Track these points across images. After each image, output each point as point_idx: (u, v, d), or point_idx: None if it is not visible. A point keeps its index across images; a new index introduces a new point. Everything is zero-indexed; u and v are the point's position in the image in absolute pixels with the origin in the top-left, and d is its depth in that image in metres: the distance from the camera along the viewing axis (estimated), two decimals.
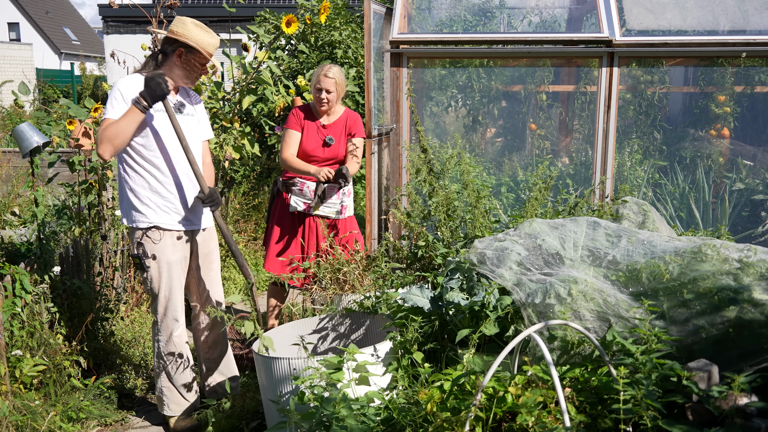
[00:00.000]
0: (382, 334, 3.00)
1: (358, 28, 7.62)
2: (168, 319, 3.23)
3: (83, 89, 22.48)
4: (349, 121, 4.02)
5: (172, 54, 3.11)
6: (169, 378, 3.30)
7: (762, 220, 5.04)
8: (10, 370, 3.21)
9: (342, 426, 2.13)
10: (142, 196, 3.13)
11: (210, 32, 3.13)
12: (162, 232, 3.15)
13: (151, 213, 3.14)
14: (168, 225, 3.16)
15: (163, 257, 3.16)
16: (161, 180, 3.14)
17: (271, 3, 16.84)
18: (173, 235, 3.18)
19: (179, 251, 3.22)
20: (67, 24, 36.78)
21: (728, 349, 2.19)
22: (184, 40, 3.07)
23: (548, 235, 2.71)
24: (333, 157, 3.97)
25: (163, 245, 3.16)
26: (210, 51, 3.12)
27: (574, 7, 5.81)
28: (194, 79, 3.20)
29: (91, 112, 4.57)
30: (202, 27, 3.12)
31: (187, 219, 3.22)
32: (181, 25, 3.10)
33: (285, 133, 3.98)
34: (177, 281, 3.22)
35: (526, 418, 1.96)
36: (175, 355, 3.27)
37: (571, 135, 5.87)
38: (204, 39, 3.09)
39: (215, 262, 3.42)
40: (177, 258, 3.20)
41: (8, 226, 5.74)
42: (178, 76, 3.15)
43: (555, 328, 2.37)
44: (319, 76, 3.85)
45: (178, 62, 3.13)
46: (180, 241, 3.22)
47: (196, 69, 3.15)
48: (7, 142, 10.97)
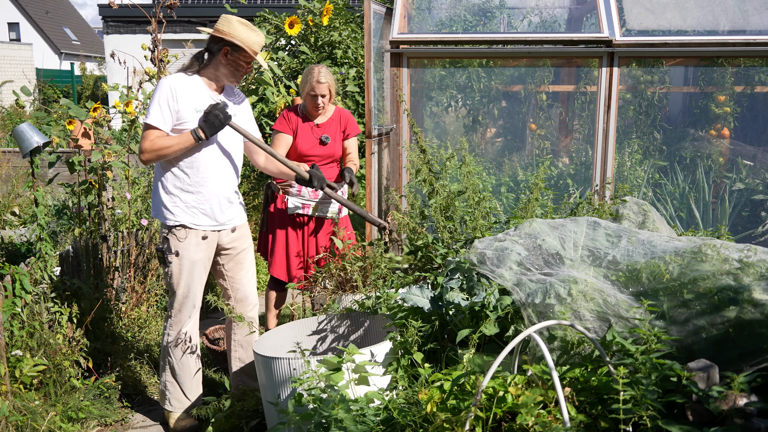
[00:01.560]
0: (382, 334, 3.00)
1: (358, 28, 7.62)
2: (181, 315, 3.25)
3: (83, 89, 22.50)
4: (343, 118, 4.01)
5: (218, 53, 3.14)
6: (173, 374, 3.32)
7: (762, 220, 5.04)
8: (10, 370, 3.21)
9: (341, 427, 2.13)
10: (173, 194, 3.17)
11: (255, 30, 3.15)
12: (188, 231, 3.18)
13: (179, 211, 3.17)
14: (194, 224, 3.18)
15: (186, 255, 3.19)
16: (195, 180, 3.16)
17: (271, 3, 16.84)
18: (198, 234, 3.20)
19: (203, 251, 3.23)
20: (67, 24, 36.78)
21: (728, 349, 2.19)
22: (230, 39, 3.09)
23: (548, 235, 2.71)
24: (330, 155, 3.96)
25: (188, 243, 3.19)
26: (255, 49, 3.13)
27: (574, 7, 5.81)
28: (239, 78, 3.22)
29: (90, 112, 4.57)
30: (248, 25, 3.14)
31: (215, 220, 3.24)
32: (226, 23, 3.12)
33: (274, 135, 3.94)
34: (197, 280, 3.24)
35: (526, 418, 1.96)
36: (181, 351, 3.29)
37: (571, 135, 5.87)
38: (250, 37, 3.11)
39: (247, 261, 3.42)
40: (200, 257, 3.22)
41: (8, 226, 5.74)
42: (223, 75, 3.18)
43: (555, 328, 2.37)
44: (311, 83, 3.80)
45: (224, 61, 3.14)
46: (205, 241, 3.23)
47: (241, 67, 3.17)
48: (7, 142, 10.97)
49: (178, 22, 16.16)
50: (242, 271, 3.40)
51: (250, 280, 3.44)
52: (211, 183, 3.18)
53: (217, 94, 3.22)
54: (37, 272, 3.63)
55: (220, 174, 3.21)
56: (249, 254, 3.43)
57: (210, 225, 3.23)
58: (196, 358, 3.34)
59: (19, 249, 4.53)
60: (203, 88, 3.17)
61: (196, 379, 3.36)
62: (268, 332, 3.23)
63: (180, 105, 3.08)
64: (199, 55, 3.21)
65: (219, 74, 3.17)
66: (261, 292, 5.52)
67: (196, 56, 3.22)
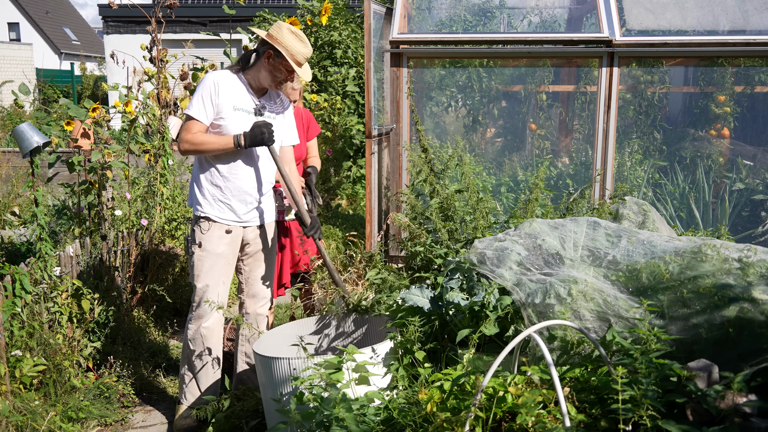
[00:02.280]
0: (382, 334, 3.00)
1: (357, 28, 7.62)
2: (201, 309, 3.26)
3: (83, 89, 22.50)
4: (305, 118, 3.97)
5: (263, 55, 3.17)
6: (190, 367, 3.35)
7: (762, 220, 5.04)
8: (10, 370, 3.21)
9: (341, 426, 2.13)
10: (204, 187, 3.22)
11: (304, 42, 3.15)
12: (211, 224, 3.22)
13: (206, 204, 3.22)
14: (219, 218, 3.22)
15: (208, 247, 3.22)
16: (225, 175, 3.20)
17: (271, 3, 16.84)
18: (222, 228, 3.23)
19: (226, 245, 3.26)
20: (67, 24, 36.77)
21: (728, 349, 2.19)
22: (274, 44, 3.11)
23: (548, 235, 2.71)
24: (298, 158, 3.89)
25: (210, 236, 3.22)
26: (298, 59, 3.13)
27: (574, 7, 5.81)
28: (278, 84, 3.22)
29: (90, 112, 4.56)
30: (298, 35, 3.14)
31: (240, 216, 3.26)
32: (277, 29, 3.15)
33: None
34: (218, 274, 3.25)
35: (526, 418, 1.96)
36: (200, 345, 3.30)
37: (571, 135, 5.87)
38: (295, 47, 3.11)
39: (268, 259, 3.43)
40: (222, 251, 3.25)
41: (8, 226, 5.74)
42: (264, 78, 3.20)
43: (555, 328, 2.37)
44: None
45: (266, 64, 3.17)
46: (229, 235, 3.26)
47: (281, 73, 3.17)
48: (7, 142, 10.97)
49: (177, 22, 16.17)
50: (260, 268, 3.42)
51: (267, 278, 3.45)
52: (239, 180, 3.22)
53: (257, 97, 3.25)
54: (37, 272, 3.63)
55: (249, 173, 3.24)
56: (271, 252, 3.45)
57: (234, 220, 3.26)
58: (216, 354, 3.34)
59: (19, 249, 4.52)
60: (245, 87, 3.21)
61: (214, 374, 3.37)
62: (268, 332, 3.23)
63: (221, 100, 3.13)
64: (247, 54, 3.25)
65: (260, 77, 3.21)
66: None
67: (243, 55, 3.27)
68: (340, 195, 7.62)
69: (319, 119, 6.95)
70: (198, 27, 15.90)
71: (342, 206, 7.65)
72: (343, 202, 7.72)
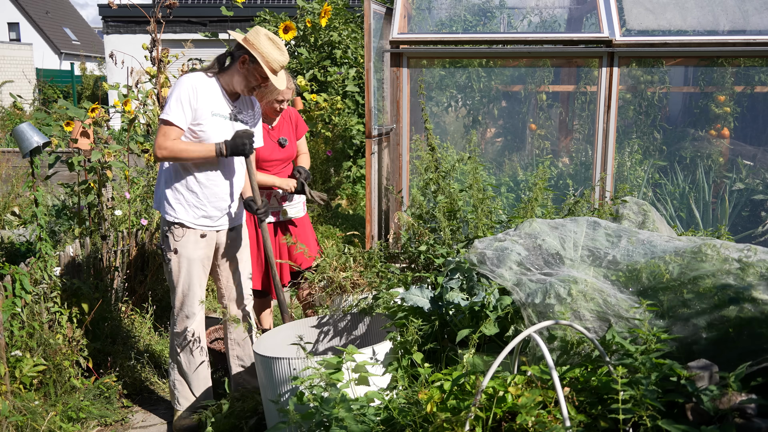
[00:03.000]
0: (382, 334, 3.00)
1: (357, 28, 7.62)
2: (183, 313, 3.26)
3: (83, 89, 22.50)
4: (293, 117, 3.93)
5: (237, 59, 3.13)
6: (181, 372, 3.34)
7: (762, 220, 5.04)
8: (10, 371, 3.21)
9: (341, 426, 2.13)
10: (177, 192, 3.19)
11: (281, 49, 3.11)
12: (185, 230, 3.20)
13: (180, 209, 3.18)
14: (193, 223, 3.20)
15: (184, 253, 3.21)
16: (201, 181, 3.18)
17: (271, 3, 16.84)
18: (197, 233, 3.22)
19: (201, 249, 3.24)
20: (67, 24, 36.77)
21: (728, 349, 2.19)
22: (249, 49, 3.07)
23: (548, 235, 2.71)
24: (288, 158, 3.87)
25: (185, 242, 3.20)
26: (273, 66, 3.09)
27: (574, 7, 5.81)
28: (251, 90, 3.18)
29: (89, 113, 4.56)
30: (275, 42, 3.10)
31: (215, 220, 3.25)
32: (254, 34, 3.10)
33: None
34: (196, 278, 3.25)
35: (526, 418, 1.96)
36: (188, 350, 3.30)
37: (571, 135, 5.87)
38: (271, 53, 3.07)
39: (242, 261, 3.44)
40: (198, 255, 3.23)
41: (8, 226, 5.74)
42: (237, 83, 3.16)
43: (555, 328, 2.37)
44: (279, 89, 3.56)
45: (240, 69, 3.13)
46: (204, 240, 3.24)
47: (255, 80, 3.13)
48: (7, 142, 10.97)
49: (177, 22, 16.17)
50: (236, 271, 3.42)
51: (245, 279, 3.45)
52: (216, 186, 3.21)
53: (232, 101, 3.22)
54: (37, 272, 3.63)
55: (225, 179, 3.24)
56: (244, 253, 3.46)
57: (209, 225, 3.24)
58: (203, 357, 3.35)
59: (19, 249, 4.52)
60: (220, 92, 3.18)
61: (204, 377, 3.37)
62: (268, 332, 3.23)
63: (200, 104, 3.09)
64: (222, 57, 3.21)
65: (233, 81, 3.16)
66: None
67: (219, 58, 3.22)
68: (340, 195, 7.62)
69: (319, 119, 6.95)
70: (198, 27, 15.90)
71: (342, 206, 7.65)
72: (343, 202, 7.72)
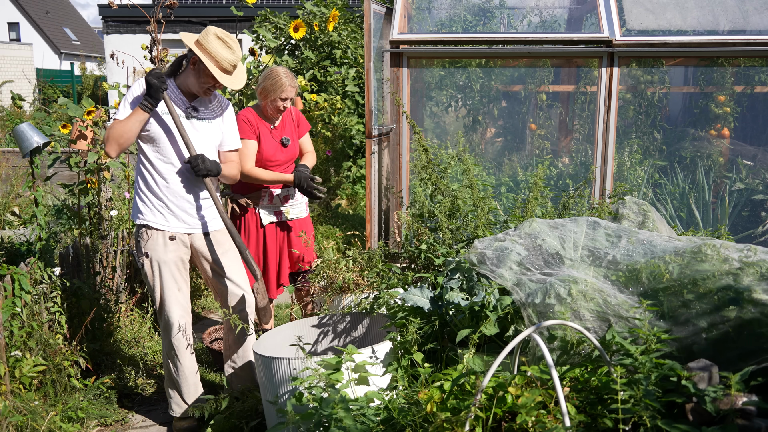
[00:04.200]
0: (382, 334, 3.00)
1: (357, 28, 7.62)
2: (164, 318, 3.23)
3: (83, 89, 22.50)
4: (295, 116, 3.92)
5: (189, 60, 3.13)
6: (170, 379, 3.31)
7: (762, 220, 5.04)
8: (10, 371, 3.21)
9: (340, 427, 2.13)
10: (143, 195, 3.19)
11: (231, 48, 3.06)
12: (152, 231, 3.18)
13: (147, 211, 3.18)
14: (159, 225, 3.18)
15: (154, 256, 3.18)
16: (160, 181, 3.16)
17: (272, 3, 16.84)
18: (165, 236, 3.19)
19: (172, 251, 3.20)
20: (67, 24, 36.77)
21: (728, 349, 2.19)
22: (196, 50, 3.04)
23: (548, 235, 2.71)
24: (291, 158, 3.86)
25: (154, 244, 3.18)
26: (223, 65, 3.05)
27: (574, 7, 5.81)
28: (204, 90, 3.14)
29: (85, 115, 4.56)
30: (225, 41, 3.06)
31: (182, 221, 3.21)
32: (204, 34, 3.08)
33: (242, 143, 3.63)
34: (172, 281, 3.20)
35: (526, 418, 1.96)
36: (174, 356, 3.26)
37: (571, 135, 5.87)
38: (219, 53, 3.04)
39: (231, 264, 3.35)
40: (170, 258, 3.19)
41: (8, 226, 5.74)
42: (191, 84, 3.15)
43: (555, 328, 2.37)
44: (285, 86, 3.61)
45: (192, 69, 3.12)
46: (174, 242, 3.21)
47: (206, 81, 3.10)
48: (7, 142, 10.98)
49: (178, 22, 16.17)
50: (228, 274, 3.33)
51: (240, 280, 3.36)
52: (177, 185, 3.18)
53: (189, 100, 3.19)
54: (37, 272, 3.63)
55: (187, 178, 3.19)
56: (232, 256, 3.35)
57: (176, 226, 3.21)
58: (191, 362, 3.30)
59: (19, 249, 4.52)
60: (175, 92, 3.16)
61: (194, 383, 3.33)
62: (268, 332, 3.22)
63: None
64: (179, 59, 3.20)
65: (188, 82, 3.15)
66: None
67: (175, 60, 3.21)
68: (340, 195, 7.62)
69: (319, 119, 6.95)
70: (198, 27, 15.90)
71: (342, 206, 7.65)
72: (343, 202, 7.72)
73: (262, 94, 3.69)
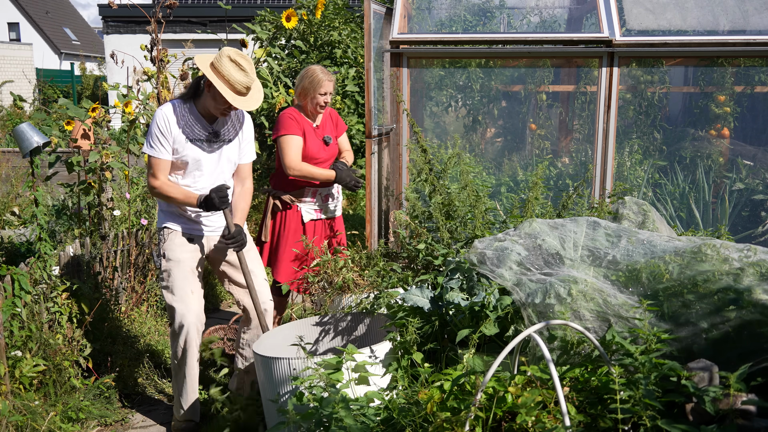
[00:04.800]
0: (383, 334, 3.00)
1: (357, 28, 7.62)
2: (176, 319, 3.20)
3: (83, 89, 22.49)
4: (332, 116, 4.02)
5: (205, 83, 3.13)
6: (177, 381, 3.30)
7: (762, 220, 5.04)
8: (10, 371, 3.21)
9: (341, 426, 2.13)
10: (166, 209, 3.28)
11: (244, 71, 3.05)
12: (171, 232, 3.25)
13: (167, 215, 3.28)
14: (178, 226, 3.26)
15: (172, 256, 3.23)
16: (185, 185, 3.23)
17: (271, 3, 16.83)
18: (183, 236, 3.26)
19: (189, 251, 3.26)
20: (67, 24, 36.76)
21: (728, 349, 2.19)
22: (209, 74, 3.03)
23: (548, 235, 2.71)
24: (332, 156, 3.95)
25: (172, 244, 3.23)
26: (236, 87, 3.05)
27: (574, 7, 5.81)
28: (221, 111, 3.14)
29: (89, 112, 4.56)
30: (239, 63, 3.04)
31: (201, 223, 3.28)
32: (218, 56, 3.06)
33: (287, 139, 3.77)
34: (185, 281, 3.21)
35: (526, 418, 1.96)
36: (184, 362, 3.23)
37: (571, 135, 5.87)
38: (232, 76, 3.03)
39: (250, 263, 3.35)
40: (186, 258, 3.24)
41: (8, 226, 5.74)
42: (209, 105, 3.15)
43: (555, 328, 2.37)
44: (321, 83, 3.73)
45: (208, 91, 3.13)
46: (191, 244, 3.27)
47: (222, 103, 3.10)
48: (7, 142, 10.97)
49: (177, 22, 16.17)
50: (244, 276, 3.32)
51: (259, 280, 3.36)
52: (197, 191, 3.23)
53: (210, 123, 3.21)
54: (36, 272, 3.63)
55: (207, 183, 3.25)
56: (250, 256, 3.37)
57: (195, 228, 3.29)
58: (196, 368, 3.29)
59: (19, 249, 4.52)
60: (195, 116, 3.18)
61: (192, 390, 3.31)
62: (268, 332, 3.23)
63: (174, 134, 3.13)
64: (197, 81, 3.21)
65: (207, 104, 3.16)
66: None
67: (194, 81, 3.23)
68: None
69: None
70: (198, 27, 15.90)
71: (342, 206, 7.64)
72: (343, 202, 7.72)
73: (302, 95, 3.81)
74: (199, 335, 3.24)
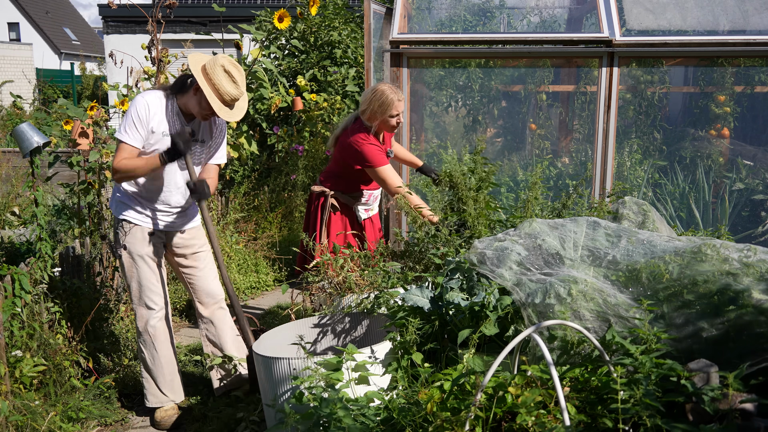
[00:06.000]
0: (382, 334, 3.00)
1: (357, 28, 7.62)
2: (141, 309, 3.29)
3: (83, 89, 22.50)
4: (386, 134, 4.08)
5: (193, 85, 3.13)
6: (147, 369, 3.36)
7: (762, 220, 5.04)
8: (10, 371, 3.21)
9: (340, 426, 2.13)
10: (126, 191, 3.25)
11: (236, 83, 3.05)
12: (131, 225, 3.25)
13: (128, 208, 3.26)
14: (138, 221, 3.26)
15: (133, 249, 3.25)
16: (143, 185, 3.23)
17: (269, 3, 16.83)
18: (144, 230, 3.26)
19: (151, 245, 3.28)
20: (67, 24, 36.77)
21: (728, 350, 2.19)
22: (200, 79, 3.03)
23: (548, 235, 2.71)
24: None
25: (133, 238, 3.25)
26: (224, 97, 3.05)
27: (574, 7, 5.81)
28: (204, 115, 3.16)
29: (88, 111, 4.56)
30: (231, 74, 3.05)
31: (161, 221, 3.30)
32: (212, 64, 3.06)
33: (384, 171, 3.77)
34: (149, 272, 3.27)
35: (526, 418, 1.96)
36: (150, 345, 3.32)
37: (571, 135, 5.87)
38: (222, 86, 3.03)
39: (205, 260, 3.47)
40: (147, 251, 3.27)
41: (8, 226, 5.74)
42: (192, 107, 3.16)
43: (555, 328, 2.37)
44: (393, 103, 3.68)
45: (193, 94, 3.13)
46: (152, 237, 3.29)
47: (206, 109, 3.11)
48: (7, 142, 10.98)
49: (177, 22, 16.17)
50: (202, 270, 3.45)
51: (212, 278, 3.49)
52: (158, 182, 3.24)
53: (187, 121, 3.22)
54: (36, 272, 3.63)
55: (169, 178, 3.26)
56: (205, 254, 3.49)
57: (156, 222, 3.30)
58: (169, 352, 3.37)
59: (19, 249, 4.52)
60: (175, 112, 3.18)
61: (170, 371, 3.38)
62: (267, 332, 3.23)
63: (153, 124, 3.12)
64: (183, 78, 3.21)
65: (189, 105, 3.17)
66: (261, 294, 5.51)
67: (180, 78, 3.22)
68: None
69: (319, 119, 6.95)
70: (198, 27, 15.90)
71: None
72: None
73: (372, 118, 3.77)
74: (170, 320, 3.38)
